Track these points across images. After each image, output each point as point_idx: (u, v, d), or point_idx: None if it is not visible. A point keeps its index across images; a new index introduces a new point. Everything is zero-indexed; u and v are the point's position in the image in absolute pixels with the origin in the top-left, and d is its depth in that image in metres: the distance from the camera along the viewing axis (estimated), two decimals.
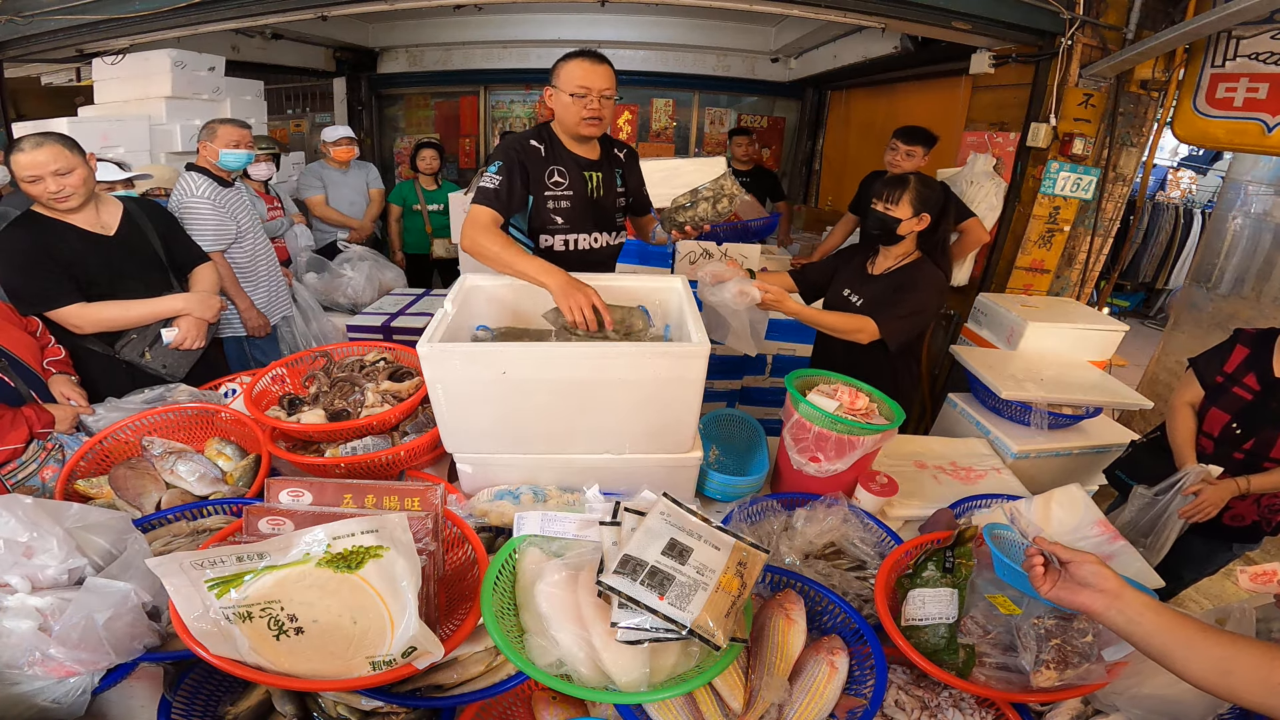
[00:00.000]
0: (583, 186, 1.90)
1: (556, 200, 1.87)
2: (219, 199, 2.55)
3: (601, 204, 1.96)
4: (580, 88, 1.76)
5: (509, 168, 1.77)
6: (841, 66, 4.84)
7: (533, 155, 1.84)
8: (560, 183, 1.87)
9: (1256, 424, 1.71)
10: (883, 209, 1.95)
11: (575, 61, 1.78)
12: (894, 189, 1.94)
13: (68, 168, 1.79)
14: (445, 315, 1.45)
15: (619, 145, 2.05)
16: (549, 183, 1.86)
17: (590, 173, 1.91)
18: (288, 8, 2.99)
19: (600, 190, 1.95)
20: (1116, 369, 2.65)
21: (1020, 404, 2.06)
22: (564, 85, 1.78)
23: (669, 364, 1.28)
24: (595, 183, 1.93)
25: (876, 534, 1.42)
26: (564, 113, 1.82)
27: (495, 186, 1.76)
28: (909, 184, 1.93)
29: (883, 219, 1.96)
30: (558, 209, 1.88)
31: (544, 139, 1.87)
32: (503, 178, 1.76)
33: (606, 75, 1.79)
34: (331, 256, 3.53)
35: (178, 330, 2.03)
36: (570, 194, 1.88)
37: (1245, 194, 3.42)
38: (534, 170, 1.83)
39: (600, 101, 1.79)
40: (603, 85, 1.78)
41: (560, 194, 1.88)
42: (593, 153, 1.93)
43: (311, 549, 0.91)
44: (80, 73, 3.78)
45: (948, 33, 2.93)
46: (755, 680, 1.03)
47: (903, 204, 1.92)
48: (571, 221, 1.91)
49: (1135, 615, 0.82)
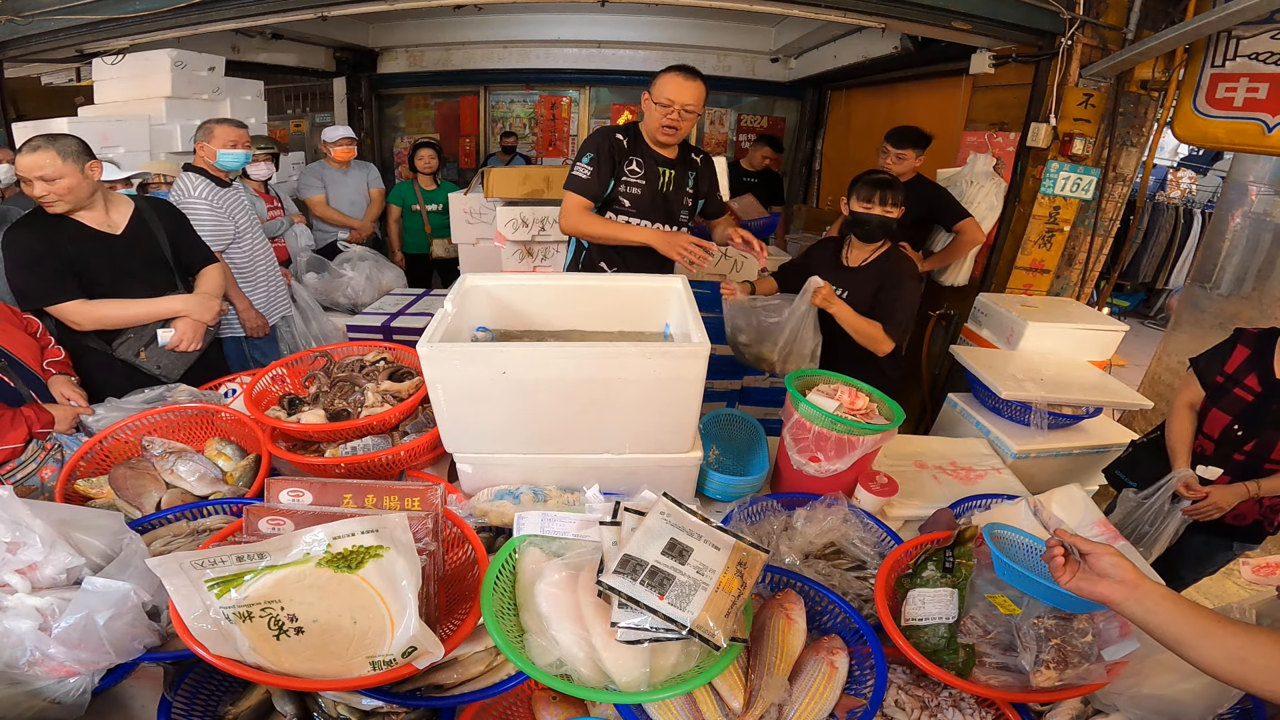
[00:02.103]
0: (655, 180, 2.11)
1: (629, 186, 2.10)
2: (216, 199, 2.55)
3: (670, 199, 2.16)
4: (667, 99, 1.98)
5: (598, 159, 2.03)
6: (841, 66, 4.85)
7: (617, 146, 2.08)
8: (636, 172, 2.09)
9: (1257, 425, 1.71)
10: (883, 212, 2.02)
11: (669, 75, 1.99)
12: (890, 190, 2.02)
13: (54, 175, 1.81)
14: (445, 315, 1.45)
15: (698, 151, 2.25)
16: (626, 170, 2.09)
17: (665, 169, 2.13)
18: (288, 8, 2.99)
19: (670, 186, 2.15)
20: (1116, 369, 2.65)
21: (1020, 404, 2.06)
22: (656, 94, 2.01)
23: (669, 364, 1.28)
24: (667, 179, 2.14)
25: (876, 534, 1.42)
26: (650, 117, 2.06)
27: (586, 176, 2.03)
28: (898, 185, 2.04)
29: (885, 221, 2.04)
30: (628, 194, 2.11)
31: (629, 134, 2.10)
32: (593, 168, 2.03)
33: (693, 92, 1.97)
34: (331, 256, 3.54)
35: (174, 331, 2.03)
36: (643, 183, 2.10)
37: (1245, 194, 3.41)
38: (617, 158, 2.07)
39: (681, 114, 1.99)
40: (686, 100, 1.97)
41: (635, 181, 2.10)
42: (670, 153, 2.14)
43: (311, 549, 0.91)
44: (80, 73, 3.78)
45: (948, 33, 2.93)
46: (755, 680, 1.03)
47: (899, 206, 2.04)
48: (639, 208, 2.12)
49: (1153, 605, 0.84)
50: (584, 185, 2.04)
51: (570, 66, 5.91)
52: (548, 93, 6.23)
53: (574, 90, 6.22)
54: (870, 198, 2.02)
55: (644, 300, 1.66)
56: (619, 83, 6.10)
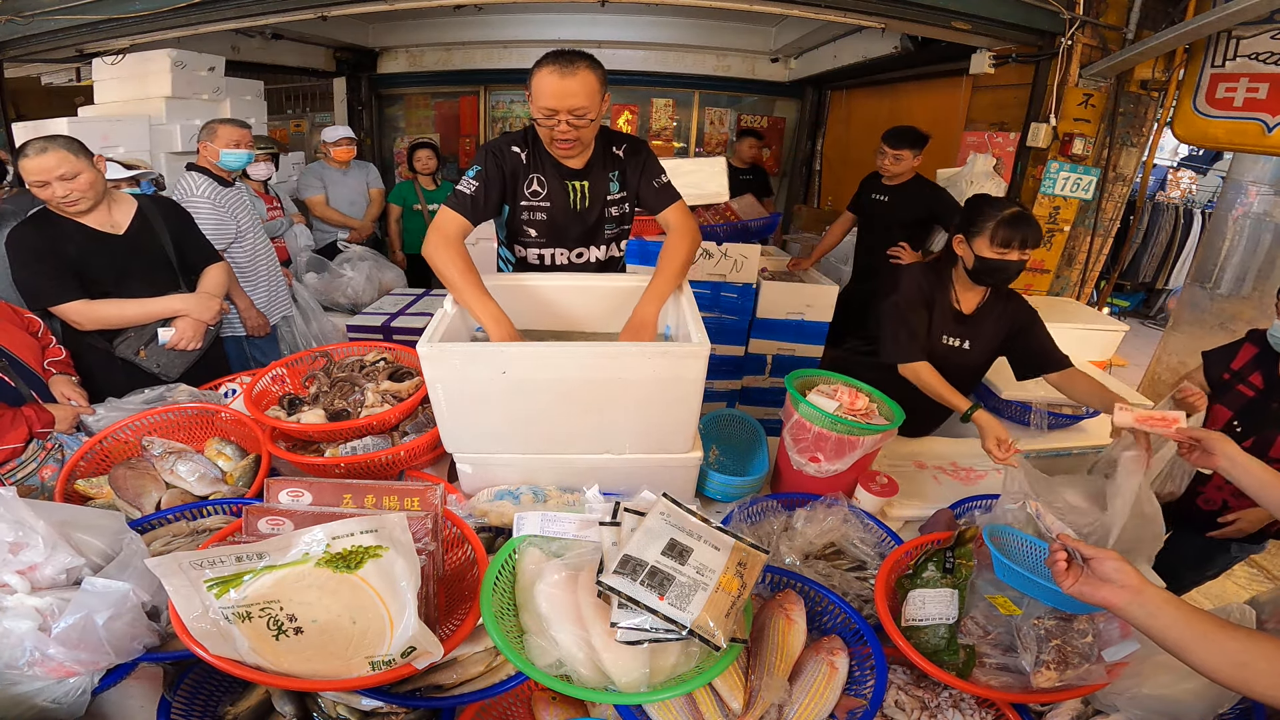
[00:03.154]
0: (564, 198, 1.72)
1: (532, 211, 1.73)
2: (219, 199, 2.55)
3: (586, 215, 1.77)
4: (547, 108, 1.53)
5: (486, 174, 1.64)
6: (841, 66, 4.84)
7: (513, 161, 1.68)
8: (538, 193, 1.71)
9: (1257, 423, 1.71)
10: (1020, 257, 1.70)
11: (542, 72, 1.51)
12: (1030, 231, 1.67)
13: (73, 172, 1.80)
14: (445, 315, 1.45)
15: (619, 141, 1.77)
16: (526, 192, 1.71)
17: (574, 182, 1.72)
18: (288, 8, 2.99)
19: (585, 202, 1.75)
20: (1116, 369, 2.66)
21: (1020, 404, 2.06)
22: (533, 100, 1.55)
23: (669, 364, 1.28)
24: (579, 194, 1.73)
25: (876, 534, 1.42)
26: (539, 128, 1.62)
27: (470, 193, 1.63)
28: (1036, 224, 1.70)
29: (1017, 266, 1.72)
30: (532, 221, 1.75)
31: (528, 144, 1.69)
32: (479, 184, 1.63)
33: (578, 90, 1.50)
34: (331, 256, 3.54)
35: (175, 331, 2.03)
36: (548, 205, 1.72)
37: (1245, 194, 3.42)
38: (513, 177, 1.69)
39: (570, 123, 1.54)
40: (572, 104, 1.51)
41: (537, 204, 1.72)
42: (578, 162, 1.71)
43: (311, 549, 0.91)
44: (80, 73, 3.78)
45: (948, 33, 2.93)
46: (755, 680, 1.03)
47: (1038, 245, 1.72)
48: (547, 235, 1.77)
49: (1155, 610, 0.84)
50: (465, 203, 1.62)
51: None
52: None
53: None
54: (1010, 242, 1.67)
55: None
56: (619, 83, 6.09)
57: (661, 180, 1.77)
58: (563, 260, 1.84)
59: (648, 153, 1.79)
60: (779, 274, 3.28)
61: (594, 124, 1.60)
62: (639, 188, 1.79)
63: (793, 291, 3.03)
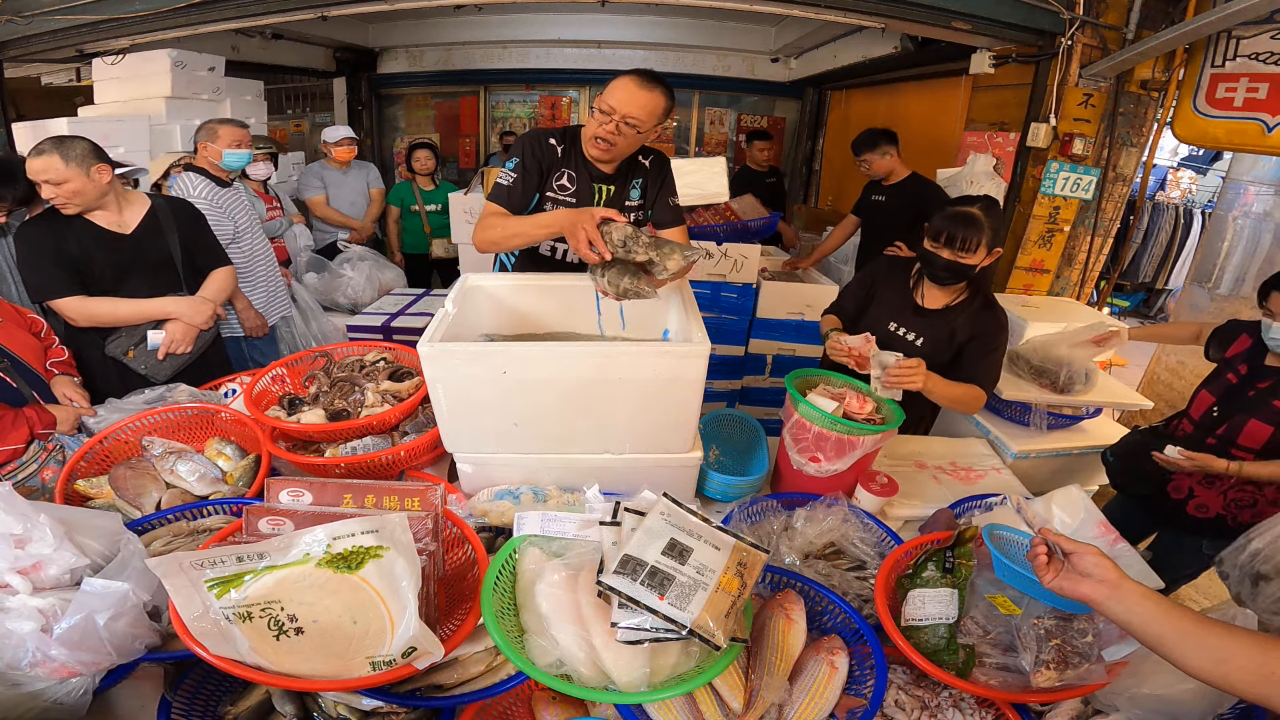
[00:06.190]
0: (590, 198, 1.80)
1: (557, 204, 1.78)
2: (217, 199, 2.55)
3: None
4: (608, 106, 1.63)
5: (524, 165, 1.73)
6: (841, 66, 4.85)
7: (549, 154, 1.76)
8: (566, 187, 1.79)
9: (1232, 408, 1.72)
10: (951, 256, 1.67)
11: (622, 80, 1.64)
12: (969, 232, 1.64)
13: (59, 179, 1.83)
14: (446, 315, 1.45)
15: (646, 152, 1.88)
16: (555, 185, 1.78)
17: (601, 185, 1.81)
18: (288, 8, 2.99)
19: (607, 205, 1.82)
20: (1116, 369, 2.66)
21: (1020, 404, 2.06)
22: (600, 98, 1.67)
23: (669, 364, 1.28)
24: (603, 196, 1.82)
25: (876, 534, 1.42)
26: (588, 124, 1.72)
27: (508, 184, 1.73)
28: (984, 225, 1.65)
29: (955, 267, 1.69)
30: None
31: (565, 139, 1.78)
32: (516, 175, 1.73)
33: (643, 103, 1.61)
34: (331, 256, 3.54)
35: (164, 333, 2.03)
36: (573, 202, 1.78)
37: (1245, 194, 3.42)
38: (547, 169, 1.77)
39: (620, 127, 1.63)
40: (630, 111, 1.61)
41: (563, 199, 1.79)
42: (609, 167, 1.80)
43: (311, 549, 0.91)
44: (80, 73, 3.79)
45: (948, 33, 2.94)
46: (755, 680, 1.03)
47: (979, 249, 1.67)
48: None
49: (1133, 605, 0.84)
50: (503, 194, 1.72)
51: (570, 66, 5.92)
52: (548, 93, 6.24)
53: (574, 90, 6.23)
54: (939, 235, 1.68)
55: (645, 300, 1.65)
56: None
57: (675, 201, 1.90)
58: (574, 258, 1.86)
59: (669, 170, 1.91)
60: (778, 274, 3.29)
61: (638, 139, 1.70)
62: (654, 201, 1.89)
63: (793, 291, 3.04)
